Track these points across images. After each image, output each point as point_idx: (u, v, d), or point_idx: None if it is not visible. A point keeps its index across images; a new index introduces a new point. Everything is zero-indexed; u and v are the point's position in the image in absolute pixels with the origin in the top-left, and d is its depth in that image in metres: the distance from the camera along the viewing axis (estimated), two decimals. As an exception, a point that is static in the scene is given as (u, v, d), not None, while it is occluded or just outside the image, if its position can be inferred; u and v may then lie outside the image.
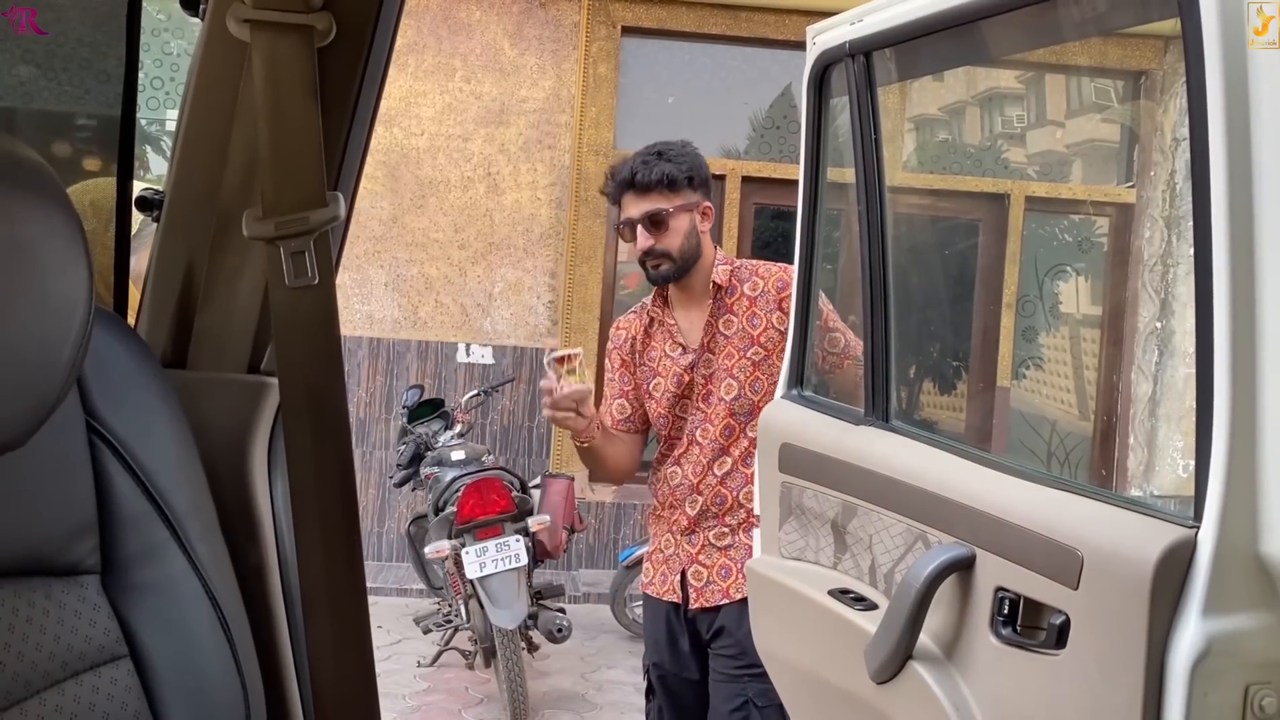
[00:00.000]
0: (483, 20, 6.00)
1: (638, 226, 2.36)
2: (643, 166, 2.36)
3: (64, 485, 0.90)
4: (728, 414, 2.37)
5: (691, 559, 2.41)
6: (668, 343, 2.45)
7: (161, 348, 1.17)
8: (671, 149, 2.41)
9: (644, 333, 2.50)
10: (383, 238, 5.99)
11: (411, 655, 4.73)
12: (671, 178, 2.35)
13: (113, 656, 0.90)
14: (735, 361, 2.37)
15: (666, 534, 2.46)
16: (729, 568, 2.38)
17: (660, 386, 2.45)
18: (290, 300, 0.98)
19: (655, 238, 2.35)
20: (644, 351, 2.49)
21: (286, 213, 0.97)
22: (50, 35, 1.49)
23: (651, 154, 2.39)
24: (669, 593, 2.44)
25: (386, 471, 5.76)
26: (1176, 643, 1.18)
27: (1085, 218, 6.46)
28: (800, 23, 3.05)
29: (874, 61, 1.77)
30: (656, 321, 2.48)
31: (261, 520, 1.13)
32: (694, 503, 2.40)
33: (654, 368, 2.46)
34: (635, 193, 2.37)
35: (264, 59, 0.97)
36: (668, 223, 2.35)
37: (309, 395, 1.00)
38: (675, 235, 2.36)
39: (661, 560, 2.47)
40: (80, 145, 1.56)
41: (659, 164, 2.36)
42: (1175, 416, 6.09)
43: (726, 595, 2.38)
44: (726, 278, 2.41)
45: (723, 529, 2.39)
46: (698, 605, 2.40)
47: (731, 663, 2.36)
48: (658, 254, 2.37)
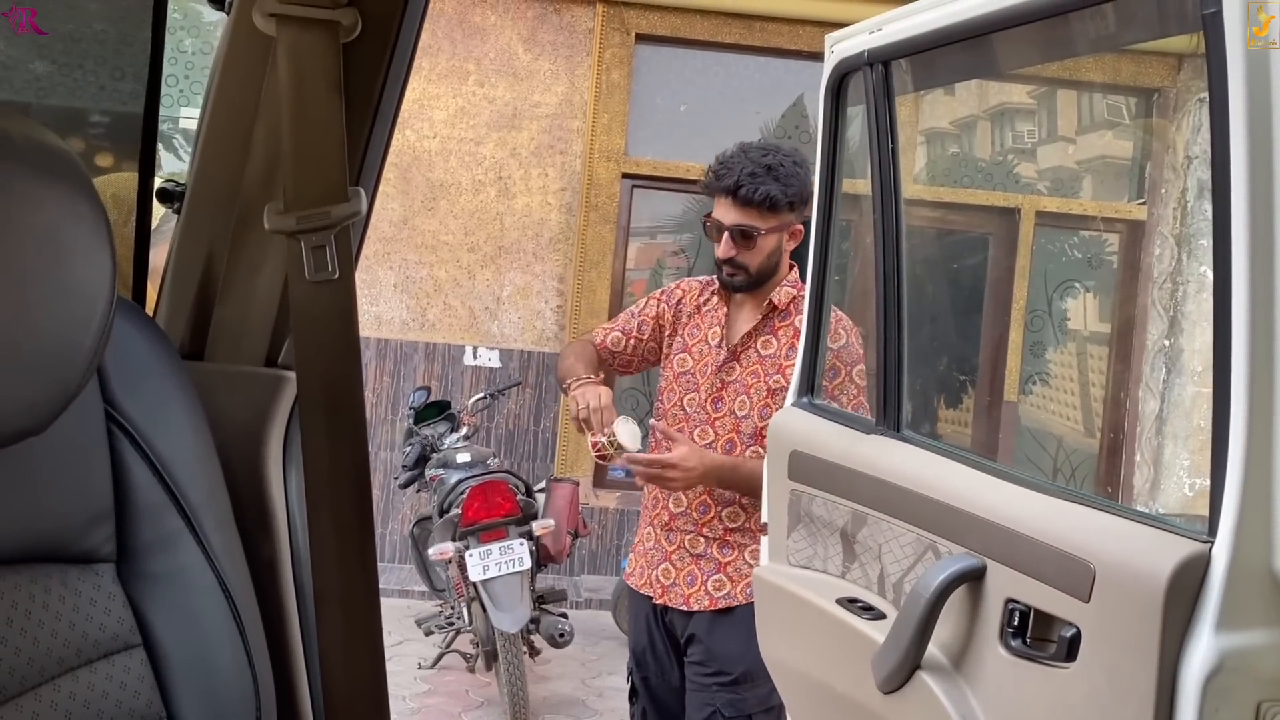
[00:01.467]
0: (497, 24, 6.01)
1: (725, 234, 2.33)
2: (749, 180, 2.28)
3: (81, 473, 0.90)
4: (733, 429, 2.37)
5: (665, 557, 2.42)
6: (712, 329, 2.44)
7: (180, 339, 1.17)
8: (783, 166, 2.31)
9: (697, 306, 2.48)
10: (393, 239, 6.00)
11: (413, 657, 4.72)
12: (773, 201, 2.29)
13: (126, 645, 0.90)
14: (757, 381, 2.37)
15: (649, 527, 2.48)
16: (695, 576, 2.38)
17: (685, 364, 2.43)
18: (310, 294, 0.98)
19: (738, 250, 2.33)
20: (687, 324, 2.47)
21: (308, 207, 0.98)
22: (68, 29, 1.50)
23: (761, 167, 2.29)
24: (645, 585, 2.45)
25: (391, 472, 5.76)
26: (1188, 658, 1.18)
27: (1096, 234, 6.45)
28: (814, 33, 3.06)
29: (892, 71, 1.77)
30: (714, 303, 2.46)
31: (275, 514, 1.13)
32: (677, 501, 2.40)
33: (688, 343, 2.45)
34: (734, 202, 2.31)
35: (289, 53, 0.97)
36: (756, 241, 2.32)
37: (326, 389, 1.00)
38: (759, 254, 2.34)
39: (642, 552, 2.49)
40: (97, 141, 1.57)
41: (766, 183, 2.28)
42: (1182, 435, 6.07)
43: (686, 603, 2.38)
44: (786, 302, 2.39)
45: (698, 537, 2.39)
46: (661, 602, 2.42)
47: (700, 670, 2.37)
48: (737, 265, 2.35)
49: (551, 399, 6.07)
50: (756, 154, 2.33)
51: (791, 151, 2.38)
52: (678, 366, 2.45)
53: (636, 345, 2.52)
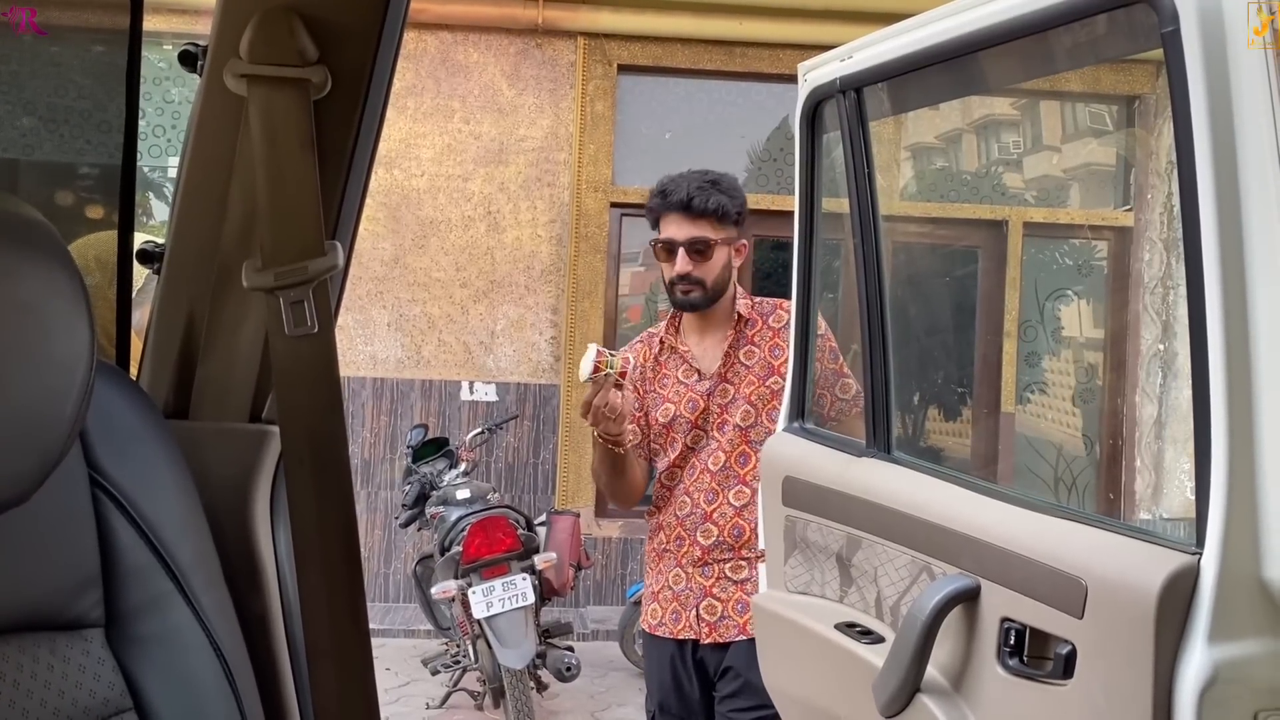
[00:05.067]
0: (480, 61, 6.06)
1: (679, 250, 2.37)
2: (699, 192, 2.35)
3: (68, 539, 0.91)
4: (742, 440, 2.36)
5: (705, 592, 2.36)
6: (681, 369, 2.45)
7: (163, 398, 1.17)
8: (724, 180, 2.41)
9: (654, 360, 2.49)
10: (385, 278, 6.02)
11: (420, 697, 4.69)
12: (724, 211, 2.36)
13: (118, 710, 0.90)
14: (754, 389, 2.38)
15: (675, 569, 2.41)
16: (745, 602, 2.32)
17: (671, 413, 2.42)
18: (290, 349, 0.99)
19: (694, 264, 2.36)
20: (654, 379, 2.48)
21: (285, 263, 0.99)
22: (51, 82, 1.51)
23: (706, 181, 2.38)
24: (684, 629, 2.38)
25: (392, 512, 5.76)
26: (1183, 670, 1.18)
27: (1084, 242, 6.48)
28: (793, 57, 3.08)
29: (865, 97, 1.79)
30: (668, 348, 2.48)
31: (265, 569, 1.13)
32: (707, 533, 2.36)
33: (665, 394, 2.45)
34: (685, 216, 2.36)
35: (261, 113, 0.98)
36: (710, 252, 2.37)
37: (310, 443, 1.00)
38: (714, 266, 2.38)
39: (671, 597, 2.41)
40: (82, 195, 1.58)
41: (715, 194, 2.36)
42: (1181, 439, 6.08)
43: (743, 631, 2.32)
44: (748, 310, 2.43)
45: (739, 561, 2.35)
46: (710, 640, 2.36)
47: (736, 704, 2.31)
48: (693, 280, 2.37)
49: (549, 431, 6.07)
50: (698, 173, 2.42)
51: (727, 174, 2.47)
52: (662, 418, 2.43)
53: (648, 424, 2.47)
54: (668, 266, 2.40)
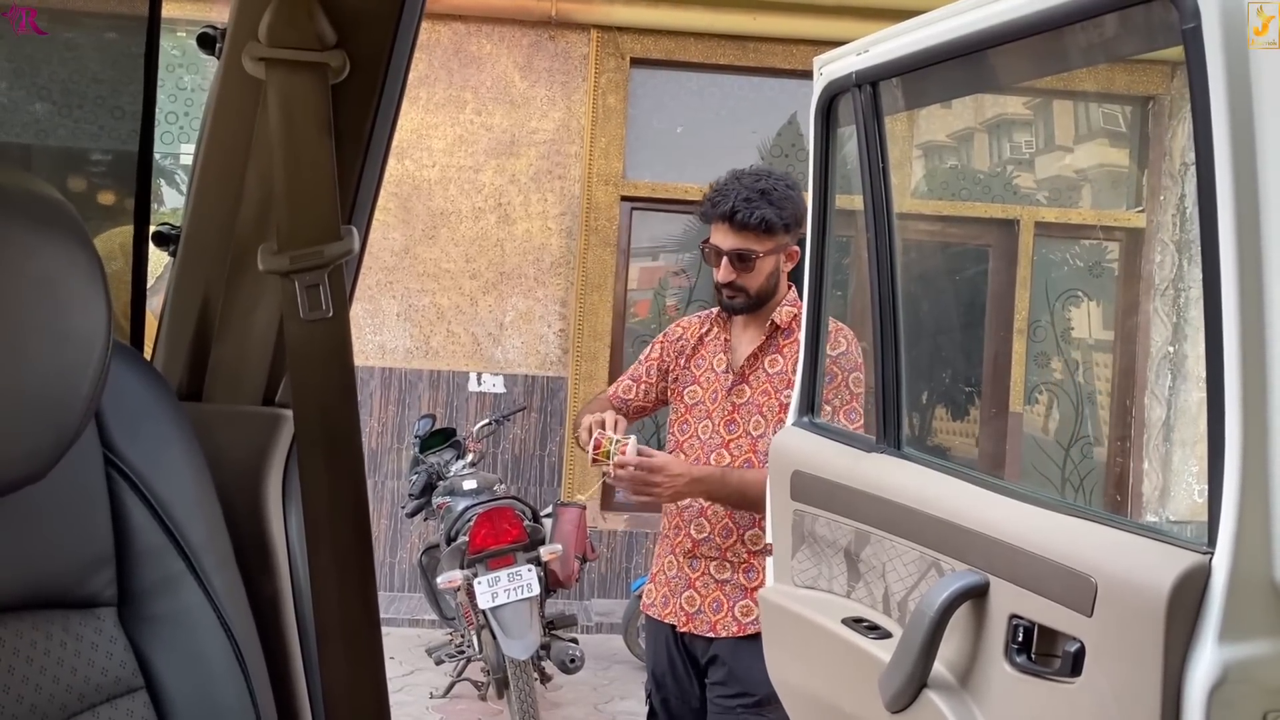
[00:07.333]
0: (493, 53, 6.06)
1: (724, 258, 2.38)
2: (744, 205, 2.33)
3: (82, 518, 0.91)
4: (750, 449, 2.39)
5: (689, 584, 2.43)
6: (717, 356, 2.49)
7: (178, 380, 1.18)
8: (776, 190, 2.37)
9: (698, 339, 2.54)
10: (395, 268, 6.03)
11: (424, 686, 4.71)
12: (769, 224, 2.34)
13: (129, 689, 0.91)
14: (769, 399, 2.39)
15: (670, 555, 2.48)
16: (721, 603, 2.39)
17: (695, 395, 2.48)
18: (305, 333, 0.99)
19: (738, 274, 2.37)
20: (691, 357, 2.53)
21: (301, 246, 0.99)
22: (68, 68, 1.51)
23: (755, 191, 2.34)
24: (670, 614, 2.46)
25: (399, 501, 5.76)
26: (1193, 670, 1.18)
27: (1096, 242, 6.46)
28: (807, 53, 3.07)
29: (880, 91, 1.78)
30: (715, 333, 2.52)
31: (276, 551, 1.14)
32: (700, 526, 2.41)
33: (695, 375, 2.50)
34: (731, 227, 2.36)
35: (279, 96, 0.98)
36: (754, 264, 2.37)
37: (323, 427, 1.01)
38: (758, 276, 2.38)
39: (665, 581, 2.49)
40: (97, 180, 1.59)
41: (761, 207, 2.33)
42: (1190, 441, 6.06)
43: (713, 630, 2.39)
44: (788, 320, 2.43)
45: (724, 562, 2.39)
46: (687, 630, 2.42)
47: (723, 691, 2.37)
48: (736, 288, 2.39)
49: (556, 423, 6.07)
50: (749, 180, 2.38)
51: (783, 176, 2.44)
52: (688, 399, 2.49)
53: (647, 389, 2.58)
54: (715, 271, 2.43)
